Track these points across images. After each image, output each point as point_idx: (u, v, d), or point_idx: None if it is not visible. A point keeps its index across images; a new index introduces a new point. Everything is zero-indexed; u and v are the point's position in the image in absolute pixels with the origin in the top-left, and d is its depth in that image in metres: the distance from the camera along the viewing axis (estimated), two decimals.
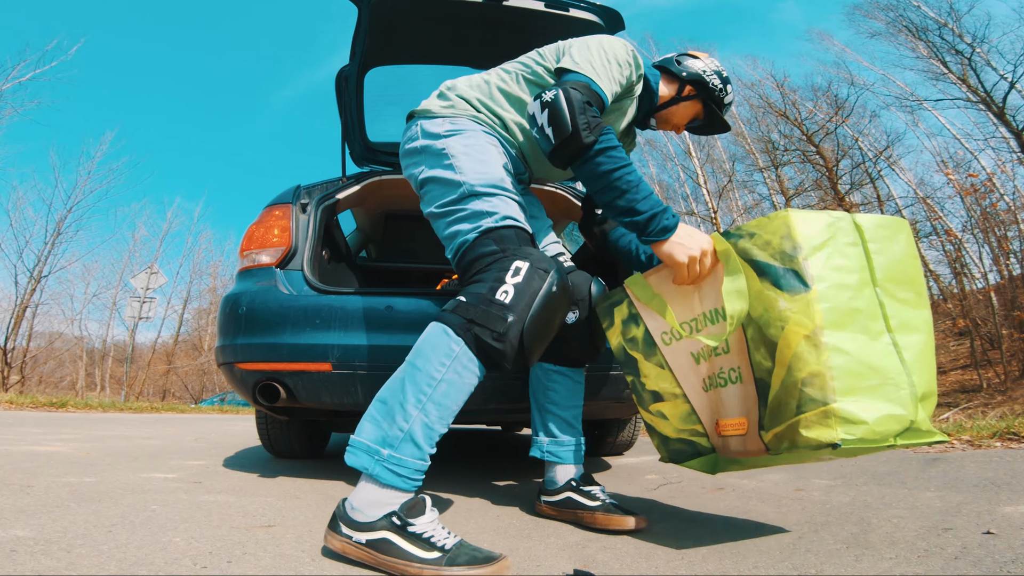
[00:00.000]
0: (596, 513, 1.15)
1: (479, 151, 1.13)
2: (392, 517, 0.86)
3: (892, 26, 13.40)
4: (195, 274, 24.31)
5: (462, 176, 1.08)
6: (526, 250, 1.00)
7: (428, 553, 0.83)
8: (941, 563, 0.80)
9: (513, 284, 0.94)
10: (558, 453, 1.27)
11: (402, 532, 0.85)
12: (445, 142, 1.13)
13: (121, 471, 1.70)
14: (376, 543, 0.84)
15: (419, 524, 0.86)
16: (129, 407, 7.99)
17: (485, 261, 1.01)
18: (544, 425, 1.29)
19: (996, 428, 2.06)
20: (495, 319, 0.92)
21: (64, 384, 20.54)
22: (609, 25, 1.79)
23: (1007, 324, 8.79)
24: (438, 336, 0.94)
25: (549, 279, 0.97)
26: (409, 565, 0.82)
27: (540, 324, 0.96)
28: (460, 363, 0.92)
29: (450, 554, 0.83)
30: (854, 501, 1.23)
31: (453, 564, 0.82)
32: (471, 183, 1.08)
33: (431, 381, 0.91)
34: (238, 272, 1.63)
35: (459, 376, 0.93)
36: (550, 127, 1.02)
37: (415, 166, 1.19)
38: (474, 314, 0.93)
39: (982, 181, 10.85)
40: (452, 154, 1.11)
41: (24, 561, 0.78)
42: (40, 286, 14.89)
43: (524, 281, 0.95)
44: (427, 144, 1.16)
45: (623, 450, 2.39)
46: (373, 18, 1.69)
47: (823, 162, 12.06)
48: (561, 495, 1.22)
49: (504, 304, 0.93)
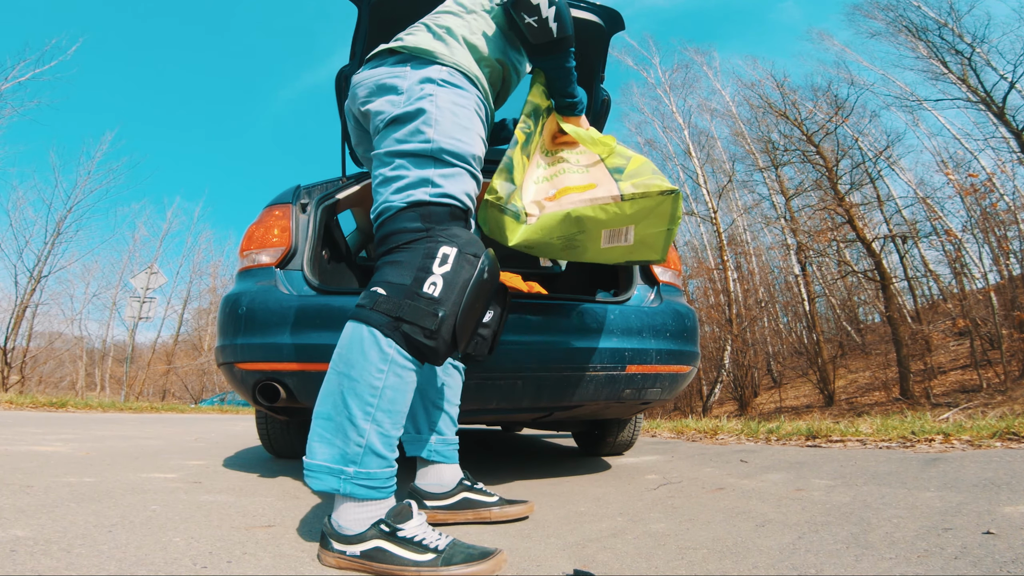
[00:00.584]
0: (492, 509, 1.17)
1: (466, 117, 1.03)
2: (380, 525, 0.85)
3: (892, 26, 13.41)
4: (195, 274, 24.35)
5: (434, 131, 0.97)
6: (453, 231, 0.93)
7: (422, 556, 0.82)
8: (941, 563, 0.80)
9: (442, 275, 0.88)
10: (445, 452, 1.22)
11: (393, 538, 0.84)
12: (437, 90, 1.01)
13: (121, 471, 1.70)
14: (370, 553, 0.83)
15: (408, 528, 0.85)
16: (129, 407, 7.98)
17: (406, 238, 0.93)
18: (431, 422, 1.22)
19: (996, 428, 2.06)
20: (425, 315, 0.86)
21: (64, 384, 20.54)
22: (609, 25, 1.79)
23: (1007, 324, 8.79)
24: (366, 340, 0.86)
25: (479, 265, 0.91)
26: (405, 570, 0.81)
27: (470, 314, 0.91)
28: (397, 365, 0.87)
29: (445, 554, 0.82)
30: (854, 501, 1.23)
31: (449, 564, 0.81)
32: (441, 143, 0.97)
33: (373, 391, 0.86)
34: (238, 272, 1.63)
35: (399, 379, 0.88)
36: (555, 22, 1.11)
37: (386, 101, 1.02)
38: (401, 311, 0.86)
39: (982, 181, 10.86)
40: (438, 105, 0.99)
41: (24, 561, 0.78)
42: (40, 286, 14.90)
43: (453, 270, 0.88)
44: (415, 84, 1.01)
45: (623, 450, 2.39)
46: (373, 18, 1.69)
47: (823, 162, 12.04)
48: (456, 496, 1.18)
49: (433, 298, 0.87)
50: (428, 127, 0.97)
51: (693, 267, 16.56)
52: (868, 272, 11.68)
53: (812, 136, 12.37)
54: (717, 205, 14.92)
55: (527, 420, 2.17)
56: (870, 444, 2.20)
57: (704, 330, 13.18)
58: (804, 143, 12.56)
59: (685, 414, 11.78)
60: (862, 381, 11.47)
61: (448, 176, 0.97)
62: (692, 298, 15.04)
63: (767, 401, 12.77)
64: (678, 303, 1.74)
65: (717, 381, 12.78)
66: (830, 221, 11.95)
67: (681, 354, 1.63)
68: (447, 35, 1.09)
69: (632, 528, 1.12)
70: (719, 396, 13.09)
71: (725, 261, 13.82)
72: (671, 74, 16.74)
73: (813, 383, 11.66)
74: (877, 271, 10.99)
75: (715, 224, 14.37)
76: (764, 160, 14.65)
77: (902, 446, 2.05)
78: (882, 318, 12.30)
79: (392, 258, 0.92)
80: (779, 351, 16.15)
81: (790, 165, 13.75)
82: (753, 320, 14.63)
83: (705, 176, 15.47)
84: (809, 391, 12.08)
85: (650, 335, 1.58)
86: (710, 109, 16.76)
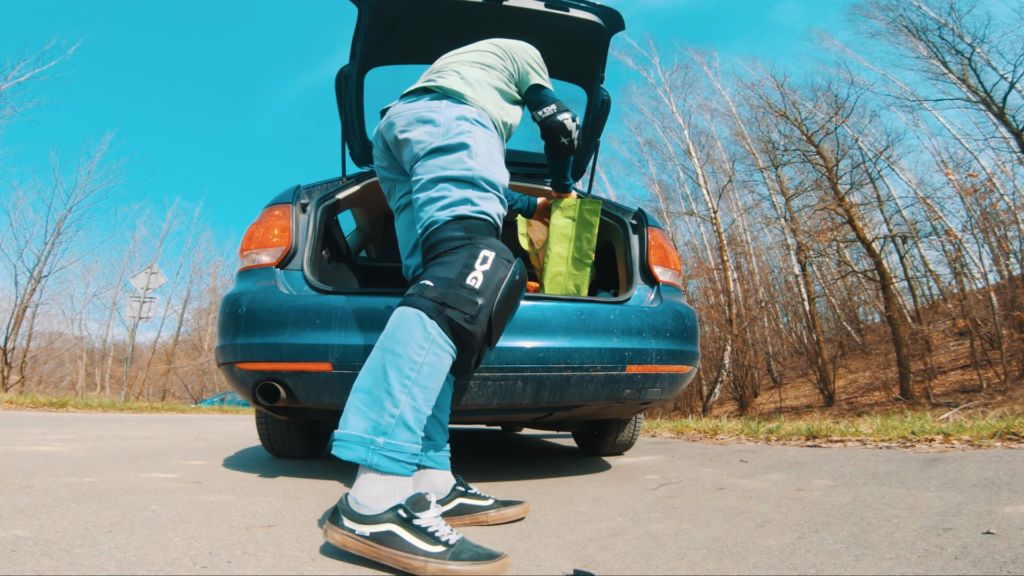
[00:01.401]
0: (489, 512, 1.17)
1: (496, 151, 1.22)
2: (399, 510, 0.86)
3: (892, 26, 13.41)
4: (195, 274, 24.36)
5: (474, 162, 1.14)
6: (491, 240, 1.08)
7: (433, 547, 0.82)
8: (941, 563, 0.80)
9: (482, 271, 1.01)
10: (437, 458, 1.22)
11: (408, 525, 0.84)
12: (473, 127, 1.19)
13: (121, 471, 1.70)
14: (380, 536, 0.84)
15: (424, 518, 0.85)
16: (129, 407, 7.98)
17: (451, 244, 1.06)
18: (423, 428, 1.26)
19: (996, 428, 2.06)
20: (467, 302, 0.98)
21: (64, 384, 20.55)
22: (609, 25, 1.79)
23: (1007, 324, 8.79)
24: (412, 321, 0.96)
25: (513, 268, 1.06)
26: (413, 558, 0.81)
27: (504, 309, 1.04)
28: (437, 345, 0.96)
29: (454, 549, 0.83)
30: (854, 501, 1.23)
31: (458, 559, 0.81)
32: (480, 173, 1.13)
33: (413, 365, 0.93)
34: (238, 272, 1.63)
35: (438, 358, 0.96)
36: (577, 140, 1.46)
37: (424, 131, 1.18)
38: (446, 298, 0.97)
39: (982, 181, 10.86)
40: (476, 141, 1.17)
41: (24, 561, 0.78)
42: (40, 286, 14.90)
43: (492, 269, 1.02)
44: (452, 120, 1.18)
45: (623, 450, 2.40)
46: (373, 18, 1.70)
47: (823, 162, 12.03)
48: (452, 503, 1.18)
49: (474, 288, 0.99)
50: (470, 159, 1.14)
51: (693, 267, 16.57)
52: (868, 272, 11.68)
53: (812, 136, 12.37)
54: (717, 205, 14.92)
55: (527, 420, 2.17)
56: (870, 444, 2.20)
57: (704, 330, 13.18)
58: (804, 143, 12.56)
59: (685, 414, 11.78)
60: (862, 381, 11.47)
61: (484, 198, 1.13)
62: (692, 298, 15.05)
63: (767, 401, 12.77)
64: (678, 303, 1.74)
65: (717, 381, 12.78)
66: (830, 221, 11.95)
67: (681, 354, 1.63)
68: (475, 83, 1.31)
69: (632, 528, 1.12)
70: (719, 396, 13.09)
71: (725, 261, 13.82)
72: (671, 74, 16.76)
73: (813, 383, 11.66)
74: (877, 271, 10.99)
75: (715, 224, 14.37)
76: (764, 160, 14.66)
77: (902, 446, 2.05)
78: (882, 318, 12.31)
79: (440, 260, 1.05)
80: (779, 351, 16.15)
81: (790, 165, 13.75)
82: (753, 320, 14.63)
83: (705, 176, 15.46)
84: (809, 391, 12.08)
85: (650, 335, 1.58)
86: (710, 109, 16.78)
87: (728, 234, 15.29)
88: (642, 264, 1.80)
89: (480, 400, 1.44)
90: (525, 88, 1.45)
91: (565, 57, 1.95)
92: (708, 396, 12.84)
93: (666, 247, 1.86)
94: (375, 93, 1.94)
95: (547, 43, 1.90)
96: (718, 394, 12.99)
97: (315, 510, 1.24)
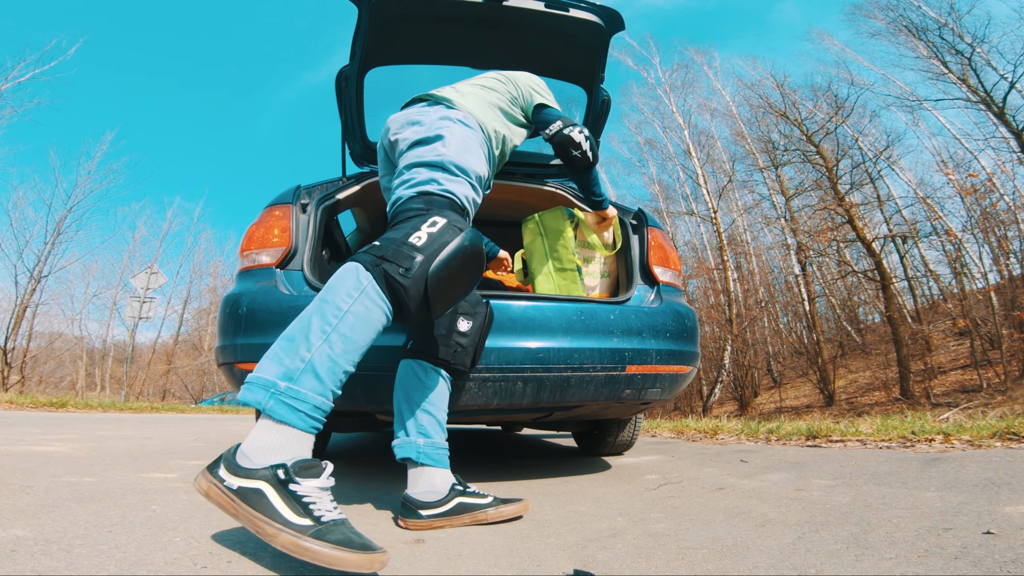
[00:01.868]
0: (488, 510, 1.16)
1: (473, 144, 1.24)
2: (279, 469, 0.79)
3: (892, 26, 13.41)
4: (195, 274, 24.35)
5: (446, 150, 1.17)
6: (448, 212, 1.06)
7: (299, 519, 0.75)
8: (941, 563, 0.80)
9: (428, 232, 0.99)
10: (434, 456, 1.19)
11: (282, 488, 0.77)
12: (453, 124, 1.24)
13: (121, 471, 1.70)
14: (247, 492, 0.77)
15: (305, 486, 0.78)
16: (129, 407, 7.98)
17: (408, 214, 1.07)
18: (419, 425, 1.21)
19: (996, 428, 2.06)
20: (404, 256, 0.95)
21: (64, 384, 20.55)
22: (609, 25, 1.79)
23: (1007, 324, 8.78)
24: (348, 271, 0.95)
25: (462, 236, 1.01)
26: (269, 524, 0.74)
27: (446, 274, 0.98)
28: (367, 296, 0.92)
29: (323, 528, 0.75)
30: (854, 501, 1.23)
31: (320, 538, 0.73)
32: (450, 159, 1.16)
33: (337, 312, 0.90)
34: (238, 272, 1.63)
35: (366, 309, 0.92)
36: (590, 151, 1.48)
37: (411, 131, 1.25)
38: (385, 252, 0.96)
39: (982, 181, 10.86)
40: (452, 134, 1.21)
41: (24, 561, 0.78)
42: (40, 286, 14.90)
43: (438, 232, 0.99)
44: (435, 120, 1.25)
45: (623, 450, 2.39)
46: (373, 18, 1.69)
47: (823, 162, 12.03)
48: (451, 503, 1.16)
49: (415, 245, 0.96)
50: (443, 147, 1.18)
51: (693, 267, 16.56)
52: (868, 272, 11.68)
53: (812, 136, 12.37)
54: (717, 205, 14.92)
55: (527, 420, 2.17)
56: (870, 444, 2.20)
57: (704, 330, 13.18)
58: (804, 143, 12.56)
59: (685, 414, 11.78)
60: (862, 381, 11.47)
61: (451, 180, 1.14)
62: (692, 298, 15.04)
63: (767, 401, 12.77)
64: (678, 303, 1.74)
65: (717, 381, 12.78)
66: (830, 221, 11.95)
67: (681, 354, 1.63)
68: (468, 94, 1.39)
69: (632, 528, 1.12)
70: (719, 396, 13.09)
71: (725, 261, 13.82)
72: (671, 74, 16.75)
73: (813, 383, 11.66)
74: (877, 271, 10.99)
75: (715, 224, 14.37)
76: (764, 160, 14.66)
77: (902, 446, 2.05)
78: (882, 318, 12.31)
79: (393, 226, 1.07)
80: (779, 351, 16.15)
81: (790, 165, 13.75)
82: (753, 320, 14.63)
83: (705, 176, 15.46)
84: (809, 391, 12.08)
85: (650, 335, 1.58)
86: (710, 109, 16.77)
87: (728, 234, 15.29)
88: (642, 264, 1.80)
89: (480, 400, 1.44)
90: (531, 110, 1.50)
91: (565, 57, 1.95)
92: (708, 396, 12.84)
93: (666, 247, 1.86)
94: (375, 93, 1.94)
95: (547, 43, 1.90)
96: (718, 394, 12.99)
97: None
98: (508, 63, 1.79)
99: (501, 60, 1.97)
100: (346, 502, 1.38)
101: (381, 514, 1.26)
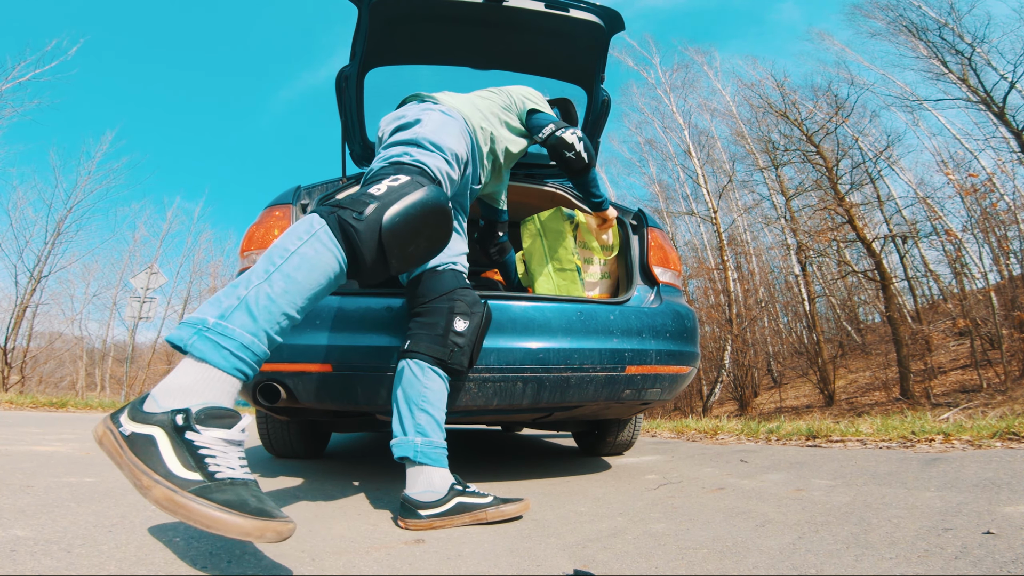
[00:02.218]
0: (488, 509, 1.16)
1: (453, 129, 1.26)
2: (178, 415, 0.69)
3: (892, 26, 13.40)
4: (195, 274, 24.26)
5: (422, 129, 1.21)
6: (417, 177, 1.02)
7: (185, 472, 0.65)
8: (941, 563, 0.80)
9: (388, 184, 0.96)
10: (432, 455, 1.18)
11: (176, 436, 0.68)
12: (432, 112, 1.28)
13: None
14: (136, 438, 0.68)
15: (205, 436, 0.68)
16: None
17: (377, 177, 1.02)
18: (416, 424, 1.20)
19: (996, 428, 2.06)
20: (359, 203, 0.91)
21: (64, 384, 20.54)
22: (609, 25, 1.79)
23: (1007, 324, 8.78)
24: (302, 220, 0.92)
25: (426, 190, 0.96)
26: (147, 475, 0.65)
27: (404, 224, 0.91)
28: (318, 239, 0.87)
29: (212, 485, 0.65)
30: (854, 501, 1.23)
31: (203, 495, 0.63)
32: (424, 135, 1.19)
33: (284, 252, 0.85)
34: (238, 273, 1.63)
35: (315, 252, 0.86)
36: (585, 152, 1.51)
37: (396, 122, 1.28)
38: (342, 202, 0.93)
39: (982, 181, 10.86)
40: (430, 118, 1.25)
41: (24, 561, 0.78)
42: (40, 286, 14.88)
43: (400, 185, 0.96)
44: (419, 110, 1.29)
45: (623, 450, 2.40)
46: (373, 18, 1.69)
47: (823, 162, 12.03)
48: (450, 502, 1.15)
49: (373, 195, 0.93)
50: (419, 128, 1.21)
51: (693, 267, 16.55)
52: (868, 272, 11.68)
53: (812, 136, 12.36)
54: (717, 205, 14.91)
55: (527, 420, 2.17)
56: (870, 444, 2.20)
57: (704, 330, 13.18)
58: (804, 143, 12.55)
59: (685, 414, 11.78)
60: (862, 381, 11.47)
61: (424, 154, 1.15)
62: (692, 298, 15.04)
63: (767, 401, 12.76)
64: (678, 304, 1.74)
65: (717, 381, 12.77)
66: (830, 221, 11.95)
67: (681, 355, 1.63)
68: (456, 96, 1.42)
69: (632, 528, 1.12)
70: (719, 396, 13.09)
71: (725, 261, 13.82)
72: (671, 74, 16.73)
73: (813, 383, 11.66)
74: (877, 271, 10.99)
75: (715, 224, 14.36)
76: (764, 160, 14.64)
77: (902, 446, 2.05)
78: (882, 318, 12.30)
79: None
80: (779, 351, 16.14)
81: (790, 165, 13.74)
82: (753, 320, 14.63)
83: (705, 176, 15.45)
84: (809, 391, 12.08)
85: (650, 336, 1.58)
86: (710, 109, 16.75)
87: (728, 234, 15.28)
88: (642, 265, 1.80)
89: (480, 401, 1.44)
90: (524, 116, 1.53)
91: (565, 57, 1.96)
92: (708, 396, 12.83)
93: (666, 247, 1.86)
94: (375, 93, 1.94)
95: (547, 43, 1.90)
96: (718, 394, 12.99)
97: (315, 510, 1.24)
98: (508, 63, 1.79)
99: (501, 60, 1.97)
100: (346, 502, 1.38)
101: (381, 514, 1.26)
